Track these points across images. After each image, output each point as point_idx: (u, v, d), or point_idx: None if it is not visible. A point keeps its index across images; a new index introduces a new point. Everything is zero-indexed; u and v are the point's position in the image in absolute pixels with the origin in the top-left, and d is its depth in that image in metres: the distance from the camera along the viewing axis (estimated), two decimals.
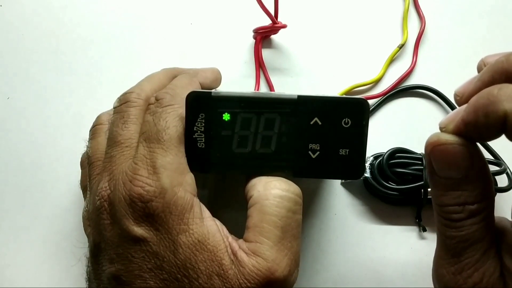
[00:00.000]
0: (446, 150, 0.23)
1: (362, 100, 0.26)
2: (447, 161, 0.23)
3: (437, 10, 0.39)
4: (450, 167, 0.23)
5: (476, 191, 0.23)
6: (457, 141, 0.23)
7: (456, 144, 0.23)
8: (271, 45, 0.38)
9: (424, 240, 0.35)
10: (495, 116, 0.20)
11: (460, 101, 0.24)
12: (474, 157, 0.23)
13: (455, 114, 0.23)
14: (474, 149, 0.23)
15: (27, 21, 0.39)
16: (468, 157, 0.23)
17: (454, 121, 0.23)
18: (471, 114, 0.21)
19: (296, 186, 0.27)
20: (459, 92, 0.24)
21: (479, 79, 0.23)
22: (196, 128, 0.27)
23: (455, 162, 0.23)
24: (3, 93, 0.38)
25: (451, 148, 0.23)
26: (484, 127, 0.21)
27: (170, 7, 0.39)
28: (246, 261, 0.24)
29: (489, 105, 0.20)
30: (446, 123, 0.23)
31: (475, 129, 0.22)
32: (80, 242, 0.35)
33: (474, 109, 0.21)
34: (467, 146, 0.23)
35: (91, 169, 0.29)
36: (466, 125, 0.22)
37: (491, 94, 0.21)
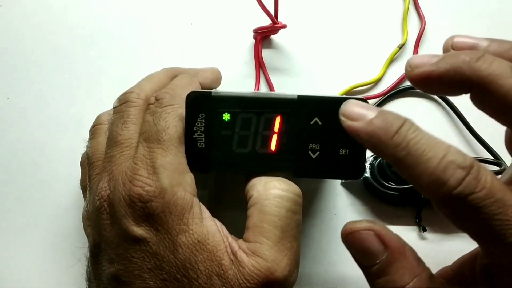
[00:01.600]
0: (359, 237, 0.24)
1: (363, 100, 0.26)
2: (361, 249, 0.24)
3: (437, 10, 0.39)
4: (365, 255, 0.24)
5: (400, 272, 0.23)
6: (366, 226, 0.23)
7: (366, 230, 0.23)
8: (271, 45, 0.38)
9: (424, 240, 0.35)
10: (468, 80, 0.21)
11: (411, 74, 0.23)
12: (386, 239, 0.23)
13: (427, 59, 0.22)
14: (385, 231, 0.23)
15: (27, 21, 0.39)
16: (379, 241, 0.23)
17: (425, 67, 0.22)
18: (446, 69, 0.21)
19: (296, 186, 0.27)
20: (413, 64, 0.23)
21: (435, 64, 0.22)
22: (196, 128, 0.27)
23: (368, 247, 0.23)
24: (3, 93, 0.38)
25: (364, 234, 0.23)
26: (452, 82, 0.21)
27: (170, 7, 0.39)
28: (245, 261, 0.24)
29: (465, 67, 0.21)
30: (416, 65, 0.22)
31: (441, 81, 0.22)
32: (80, 242, 0.34)
33: (451, 67, 0.21)
34: (378, 230, 0.23)
35: (91, 169, 0.29)
36: (435, 74, 0.22)
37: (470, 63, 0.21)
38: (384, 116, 0.22)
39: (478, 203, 0.19)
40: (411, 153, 0.21)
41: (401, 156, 0.21)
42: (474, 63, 0.21)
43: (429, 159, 0.20)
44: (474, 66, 0.21)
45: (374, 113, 0.22)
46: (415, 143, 0.21)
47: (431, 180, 0.20)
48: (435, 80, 0.22)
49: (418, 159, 0.20)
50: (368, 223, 0.24)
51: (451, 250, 0.34)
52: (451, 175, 0.20)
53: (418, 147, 0.21)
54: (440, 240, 0.35)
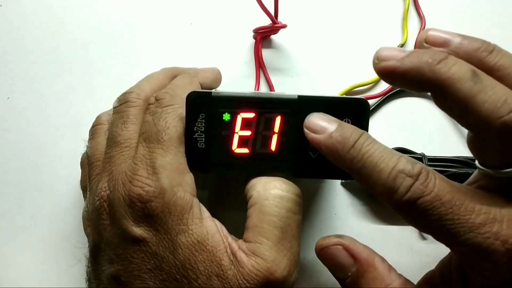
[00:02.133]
0: (330, 252, 0.25)
1: (362, 100, 0.26)
2: (333, 263, 0.25)
3: (437, 10, 0.39)
4: (337, 268, 0.25)
5: (371, 283, 0.24)
6: (335, 242, 0.25)
7: (335, 245, 0.25)
8: (271, 45, 0.38)
9: (424, 240, 0.35)
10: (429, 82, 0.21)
11: (377, 66, 0.23)
12: (355, 252, 0.25)
13: (394, 53, 0.22)
14: (354, 244, 0.25)
15: (27, 21, 0.39)
16: (348, 255, 0.25)
17: (390, 62, 0.22)
18: (409, 68, 0.22)
19: (296, 187, 0.27)
20: (380, 57, 0.23)
21: (400, 60, 0.22)
22: (196, 128, 0.27)
23: (339, 262, 0.25)
24: (3, 93, 0.38)
25: (334, 249, 0.25)
26: (414, 81, 0.22)
27: (170, 7, 0.39)
28: (245, 261, 0.24)
29: (426, 69, 0.21)
30: (383, 58, 0.23)
31: (404, 78, 0.22)
32: (80, 242, 0.34)
33: (413, 66, 0.22)
34: (346, 244, 0.25)
35: (91, 169, 0.29)
36: (399, 70, 0.22)
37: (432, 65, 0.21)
38: (342, 130, 0.24)
39: (427, 206, 0.21)
40: (366, 165, 0.22)
41: (356, 168, 0.22)
42: (435, 65, 0.21)
43: (381, 170, 0.22)
44: (434, 68, 0.21)
45: (334, 126, 0.24)
46: (369, 156, 0.22)
47: (384, 189, 0.22)
48: (398, 76, 0.22)
49: (371, 171, 0.22)
50: (337, 238, 0.25)
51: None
52: (400, 183, 0.21)
53: (371, 159, 0.22)
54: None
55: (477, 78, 0.21)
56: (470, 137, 0.23)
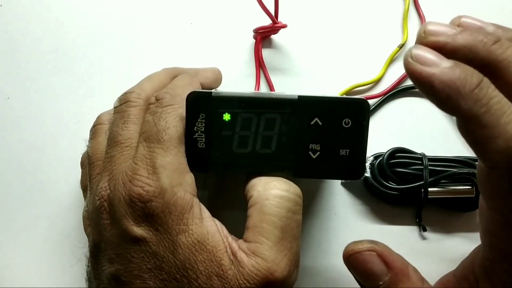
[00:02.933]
0: (362, 258, 0.23)
1: (362, 100, 0.26)
2: (364, 270, 0.23)
3: (437, 10, 0.39)
4: (368, 276, 0.23)
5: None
6: (368, 247, 0.23)
7: (368, 251, 0.23)
8: (271, 45, 0.38)
9: (424, 240, 0.35)
10: None
11: (422, 40, 0.21)
12: (389, 260, 0.23)
13: (444, 29, 0.21)
14: (388, 252, 0.23)
15: (27, 21, 0.39)
16: (381, 263, 0.23)
17: (440, 37, 0.21)
18: (461, 45, 0.20)
19: (296, 186, 0.27)
20: (428, 32, 0.21)
21: (452, 37, 0.21)
22: (196, 128, 0.27)
23: (371, 269, 0.23)
24: (3, 93, 0.38)
25: (367, 255, 0.23)
26: (464, 59, 0.20)
27: (170, 7, 0.39)
28: (245, 261, 0.24)
29: (481, 48, 0.20)
30: (432, 32, 0.21)
31: (452, 55, 0.20)
32: (80, 242, 0.34)
33: (467, 44, 0.20)
34: (380, 250, 0.23)
35: (91, 169, 0.29)
36: (449, 47, 0.20)
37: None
38: (462, 67, 0.20)
39: None
40: (491, 112, 0.19)
41: (479, 113, 0.19)
42: (491, 45, 0.20)
43: (510, 122, 0.19)
44: (490, 48, 0.20)
45: (449, 63, 0.20)
46: (497, 102, 0.19)
47: (507, 146, 0.19)
48: (449, 52, 0.20)
49: (498, 120, 0.19)
50: (370, 244, 0.24)
51: (451, 250, 0.34)
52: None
53: (500, 107, 0.19)
54: (440, 240, 0.35)
55: None
56: None
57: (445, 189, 0.33)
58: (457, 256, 0.31)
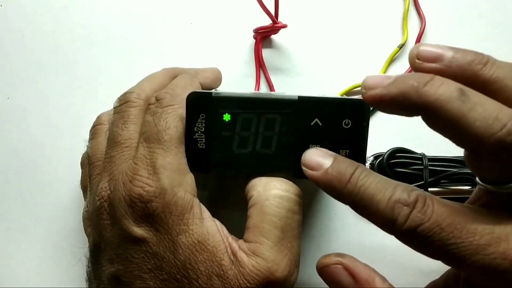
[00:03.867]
0: (330, 271, 0.25)
1: (362, 100, 0.26)
2: (333, 282, 0.25)
3: (437, 10, 0.39)
4: (338, 287, 0.25)
5: None
6: (335, 261, 0.25)
7: (335, 264, 0.25)
8: (271, 45, 0.38)
9: None
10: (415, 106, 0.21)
11: (364, 95, 0.23)
12: (355, 272, 0.24)
13: (380, 80, 0.22)
14: (353, 264, 0.25)
15: (27, 21, 0.39)
16: (347, 275, 0.24)
17: (376, 90, 0.22)
18: (395, 94, 0.22)
19: (296, 187, 0.27)
20: (366, 86, 0.22)
21: (386, 87, 0.22)
22: (196, 128, 0.27)
23: (339, 281, 0.25)
24: (3, 93, 0.38)
25: (334, 268, 0.25)
26: (402, 106, 0.22)
27: (170, 7, 0.39)
28: (246, 261, 0.24)
29: (412, 92, 0.21)
30: (369, 87, 0.22)
31: (392, 104, 0.22)
32: (80, 242, 0.34)
33: (400, 92, 0.21)
34: (346, 263, 0.25)
35: (91, 169, 0.29)
36: (386, 98, 0.22)
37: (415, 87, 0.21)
38: (337, 165, 0.23)
39: (427, 233, 0.20)
40: (363, 198, 0.22)
41: (355, 202, 0.22)
42: (421, 88, 0.21)
43: (378, 202, 0.22)
44: (421, 91, 0.21)
45: (329, 161, 0.24)
46: (365, 189, 0.22)
47: (383, 221, 0.22)
48: (387, 103, 0.22)
49: (369, 203, 0.22)
50: (337, 257, 0.25)
51: None
52: (398, 213, 0.21)
53: (368, 192, 0.22)
54: None
55: (465, 96, 0.20)
56: (466, 155, 0.23)
57: (445, 189, 0.33)
58: None
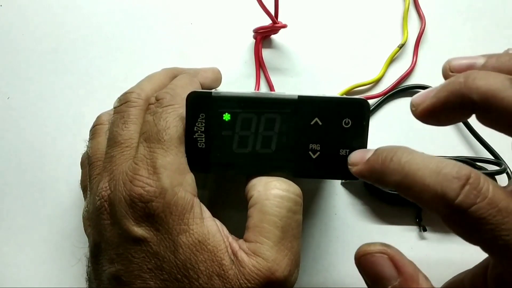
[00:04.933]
0: (372, 260, 0.23)
1: (362, 100, 0.27)
2: (374, 272, 0.23)
3: (437, 10, 0.39)
4: (377, 279, 0.23)
5: None
6: (380, 249, 0.23)
7: (379, 253, 0.23)
8: (271, 45, 0.38)
9: (424, 240, 0.35)
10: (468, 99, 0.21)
11: (415, 113, 0.23)
12: (400, 264, 0.23)
13: (426, 94, 0.23)
14: (399, 256, 0.23)
15: (27, 21, 0.39)
16: (392, 266, 0.23)
17: (426, 101, 0.22)
18: (446, 97, 0.22)
19: (296, 186, 0.27)
20: (415, 103, 0.23)
21: (435, 95, 0.22)
22: (196, 128, 0.27)
23: (381, 271, 0.23)
24: (3, 93, 0.38)
25: (378, 257, 0.23)
26: (455, 107, 0.21)
27: (170, 7, 0.39)
28: (246, 261, 0.24)
29: (462, 88, 0.21)
30: (418, 103, 0.23)
31: (445, 109, 0.22)
32: (80, 242, 0.35)
33: (450, 93, 0.21)
34: (391, 254, 0.23)
35: (91, 169, 0.29)
36: (438, 104, 0.22)
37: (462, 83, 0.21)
38: (378, 151, 0.23)
39: (482, 214, 0.19)
40: (408, 175, 0.21)
41: (399, 180, 0.21)
42: (471, 81, 0.21)
43: (425, 176, 0.21)
44: (471, 84, 0.21)
45: (371, 153, 0.24)
46: (410, 165, 0.21)
47: (431, 196, 0.20)
48: (440, 110, 0.22)
49: (415, 179, 0.21)
50: (382, 246, 0.23)
51: (451, 250, 0.34)
52: (448, 186, 0.20)
53: (413, 167, 0.21)
54: (440, 240, 0.35)
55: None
56: None
57: None
58: (457, 257, 0.31)
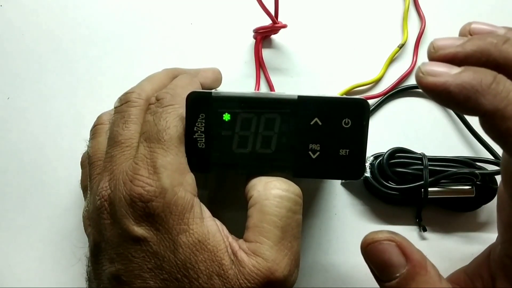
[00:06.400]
0: (380, 248, 0.22)
1: (362, 100, 0.27)
2: (381, 261, 0.22)
3: (437, 10, 0.39)
4: (385, 267, 0.22)
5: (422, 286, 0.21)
6: (388, 237, 0.22)
7: (387, 241, 0.22)
8: (271, 45, 0.38)
9: (424, 240, 0.35)
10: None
11: (433, 56, 0.21)
12: (408, 252, 0.22)
13: (452, 41, 0.21)
14: (407, 244, 0.22)
15: (27, 21, 0.39)
16: (400, 254, 0.22)
17: (450, 48, 0.21)
18: (472, 51, 0.20)
19: (296, 186, 0.27)
20: (436, 46, 0.21)
21: (461, 45, 0.21)
22: (196, 128, 0.27)
23: (389, 259, 0.22)
24: (3, 93, 0.38)
25: (386, 245, 0.22)
26: (477, 65, 0.20)
27: (170, 7, 0.39)
28: (246, 261, 0.24)
29: (492, 49, 0.20)
30: (441, 47, 0.21)
31: (466, 63, 0.20)
32: (80, 242, 0.35)
33: (478, 48, 0.20)
34: (399, 241, 0.22)
35: (92, 169, 0.29)
36: (461, 55, 0.21)
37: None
38: (473, 69, 0.20)
39: None
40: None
41: (501, 107, 0.19)
42: (502, 45, 0.20)
43: None
44: (502, 48, 0.20)
45: (459, 69, 0.20)
46: None
47: None
48: (460, 61, 0.20)
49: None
50: (390, 234, 0.23)
51: (451, 250, 0.34)
52: None
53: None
54: (440, 240, 0.35)
55: None
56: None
57: (445, 189, 0.33)
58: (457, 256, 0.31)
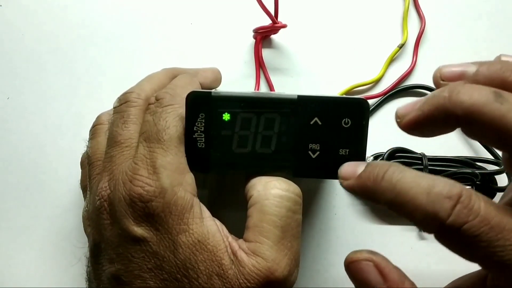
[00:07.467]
0: (359, 267, 0.23)
1: (362, 100, 0.26)
2: (361, 279, 0.23)
3: (437, 10, 0.39)
4: (364, 285, 0.23)
5: None
6: (366, 257, 0.23)
7: (365, 260, 0.23)
8: (271, 45, 0.38)
9: (424, 240, 0.35)
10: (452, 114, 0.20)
11: (400, 124, 0.23)
12: (385, 271, 0.23)
13: (411, 106, 0.22)
14: (385, 264, 0.23)
15: (27, 21, 0.39)
16: (377, 273, 0.23)
17: (411, 113, 0.22)
18: (430, 111, 0.21)
19: (296, 186, 0.27)
20: (400, 115, 0.23)
21: (419, 108, 0.22)
22: (196, 128, 0.27)
23: (367, 278, 0.23)
24: (3, 93, 0.38)
25: (364, 264, 0.23)
26: (439, 121, 0.21)
27: (170, 7, 0.39)
28: (246, 261, 0.24)
29: (446, 103, 0.21)
30: (403, 114, 0.22)
31: (429, 123, 0.22)
32: (80, 242, 0.35)
33: (434, 107, 0.21)
34: (377, 261, 0.23)
35: (91, 169, 0.29)
36: (422, 117, 0.22)
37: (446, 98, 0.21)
38: (370, 167, 0.23)
39: (475, 232, 0.19)
40: (400, 193, 0.21)
41: (391, 198, 0.21)
42: (455, 96, 0.20)
43: (417, 195, 0.20)
44: (455, 99, 0.20)
45: (362, 167, 0.23)
46: (402, 183, 0.21)
47: (423, 215, 0.20)
48: (424, 124, 0.22)
49: (406, 198, 0.21)
50: (369, 254, 0.24)
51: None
52: (440, 206, 0.20)
53: (405, 186, 0.21)
54: None
55: (502, 98, 0.20)
56: (505, 158, 0.22)
57: None
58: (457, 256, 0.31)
